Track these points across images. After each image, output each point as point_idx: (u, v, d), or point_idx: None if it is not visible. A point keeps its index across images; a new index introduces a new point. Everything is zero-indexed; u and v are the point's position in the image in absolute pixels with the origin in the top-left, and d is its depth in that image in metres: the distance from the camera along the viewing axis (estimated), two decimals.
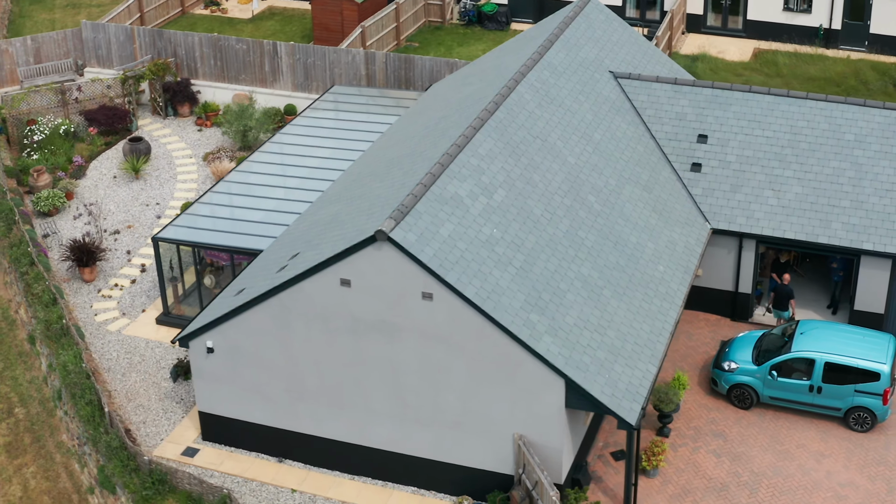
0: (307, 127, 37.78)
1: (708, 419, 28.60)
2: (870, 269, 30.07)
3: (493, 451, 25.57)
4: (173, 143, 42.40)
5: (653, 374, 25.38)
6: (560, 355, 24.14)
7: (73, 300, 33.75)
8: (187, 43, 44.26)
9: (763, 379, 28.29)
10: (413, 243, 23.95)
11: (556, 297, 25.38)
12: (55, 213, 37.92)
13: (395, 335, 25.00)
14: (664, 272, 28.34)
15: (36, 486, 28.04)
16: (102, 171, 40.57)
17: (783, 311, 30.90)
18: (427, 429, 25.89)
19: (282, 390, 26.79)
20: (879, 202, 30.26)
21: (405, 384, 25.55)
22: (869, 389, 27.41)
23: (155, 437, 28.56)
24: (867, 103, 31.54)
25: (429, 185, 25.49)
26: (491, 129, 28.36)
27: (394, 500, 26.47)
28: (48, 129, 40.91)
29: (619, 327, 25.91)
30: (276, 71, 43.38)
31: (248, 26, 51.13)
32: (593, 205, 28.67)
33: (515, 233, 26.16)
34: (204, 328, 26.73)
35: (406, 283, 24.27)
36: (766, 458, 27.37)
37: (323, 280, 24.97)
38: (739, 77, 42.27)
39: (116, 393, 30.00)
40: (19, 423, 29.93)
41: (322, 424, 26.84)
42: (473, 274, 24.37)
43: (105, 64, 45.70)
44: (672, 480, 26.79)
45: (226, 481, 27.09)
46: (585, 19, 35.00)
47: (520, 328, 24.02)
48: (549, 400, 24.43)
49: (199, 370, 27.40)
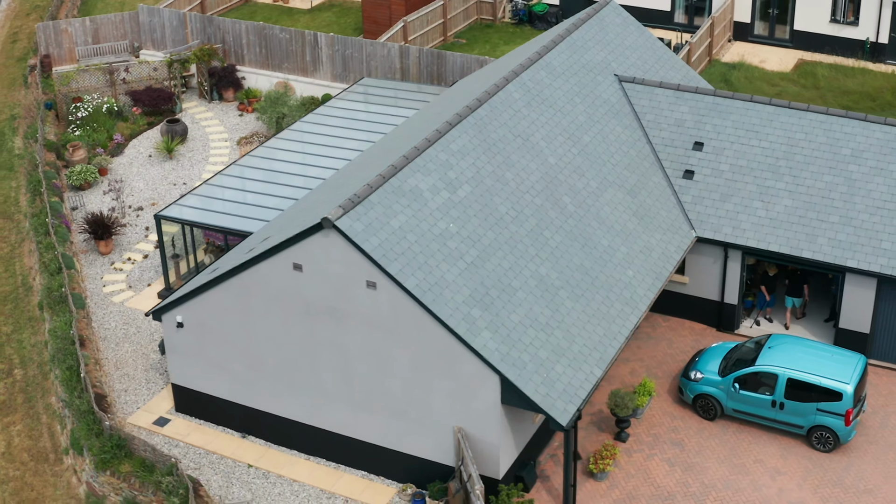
0: (328, 116, 38.66)
1: (670, 427, 28.46)
2: (854, 286, 29.45)
3: (435, 442, 26.01)
4: (212, 127, 43.80)
5: (596, 377, 25.44)
6: (497, 351, 24.43)
7: (86, 271, 35.34)
8: (235, 30, 45.62)
9: (727, 391, 28.03)
10: (359, 233, 24.54)
11: (505, 294, 25.64)
12: (87, 188, 39.65)
13: (343, 321, 25.64)
14: (633, 277, 28.29)
15: (19, 443, 29.56)
16: (140, 149, 42.19)
17: (797, 297, 30.89)
18: (375, 415, 26.47)
19: (245, 368, 27.70)
20: (869, 219, 29.59)
21: (354, 370, 26.17)
22: (831, 409, 26.92)
23: (133, 405, 29.82)
24: (868, 118, 30.84)
25: (388, 178, 26.02)
26: (468, 126, 28.71)
27: (342, 482, 27.13)
28: (91, 107, 42.74)
29: (570, 328, 26.03)
30: (317, 61, 44.39)
31: (305, 17, 52.33)
32: (567, 206, 28.78)
33: (474, 228, 26.49)
34: (175, 303, 27.81)
35: (351, 271, 24.88)
36: (720, 470, 27.12)
37: (277, 263, 25.76)
38: (774, 87, 41.57)
39: (106, 361, 31.38)
40: (16, 384, 31.55)
41: (281, 404, 27.66)
42: (418, 266, 24.82)
43: (159, 47, 47.42)
44: (619, 485, 26.79)
45: (189, 452, 28.15)
46: (599, 21, 34.98)
47: (458, 322, 24.38)
48: (485, 395, 24.75)
49: (171, 344, 28.51)
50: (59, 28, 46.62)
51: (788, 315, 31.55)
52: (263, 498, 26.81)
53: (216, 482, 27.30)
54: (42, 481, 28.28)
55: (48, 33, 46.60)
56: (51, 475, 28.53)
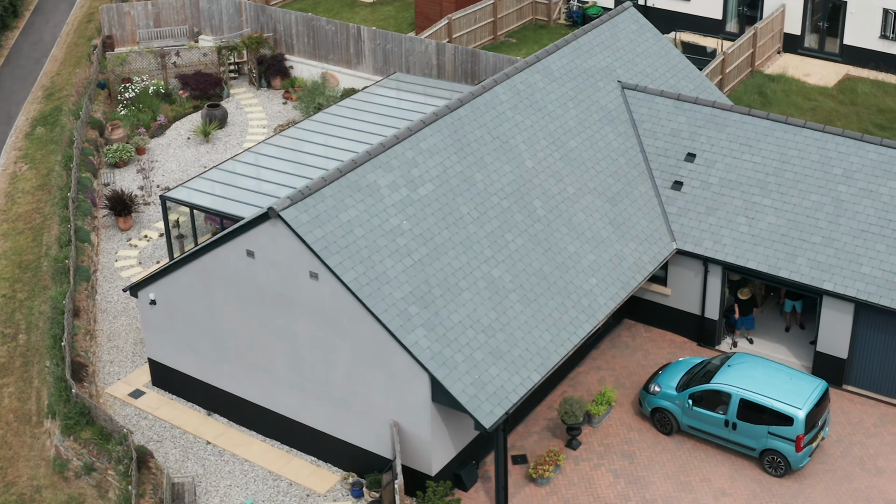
0: (351, 109, 39.28)
1: (624, 438, 28.25)
2: (832, 310, 28.68)
3: (374, 434, 26.45)
4: (255, 113, 45.01)
5: (533, 383, 25.47)
6: (429, 350, 24.71)
7: (104, 245, 36.91)
8: (286, 20, 46.74)
9: (682, 406, 27.69)
10: (303, 224, 25.12)
11: (450, 293, 25.89)
12: (122, 166, 41.29)
13: (291, 309, 26.29)
14: (595, 285, 28.16)
15: (8, 404, 31.15)
16: (180, 131, 43.69)
17: (797, 300, 30.84)
18: (322, 403, 27.07)
19: (209, 348, 28.63)
20: (851, 242, 28.75)
21: (302, 357, 26.81)
22: (782, 433, 26.34)
23: (115, 376, 31.12)
24: (864, 138, 29.93)
25: (345, 172, 26.53)
26: (443, 125, 28.98)
27: (291, 466, 27.81)
28: (139, 88, 44.41)
29: (514, 332, 26.11)
30: (360, 54, 45.15)
31: (366, 10, 53.16)
32: (537, 210, 28.80)
33: (429, 227, 26.79)
34: (148, 281, 28.91)
35: (296, 260, 25.50)
36: (665, 486, 26.83)
37: (233, 248, 26.56)
38: (810, 102, 40.50)
39: (101, 332, 32.80)
40: (17, 348, 33.20)
41: (241, 385, 28.51)
42: (360, 260, 25.27)
43: (216, 33, 48.91)
44: (559, 492, 26.76)
45: (155, 425, 29.27)
46: (611, 27, 34.74)
47: (392, 318, 24.75)
48: (417, 392, 25.07)
49: (146, 320, 29.65)
50: (123, 10, 48.51)
51: (788, 318, 30.97)
52: (214, 474, 27.70)
53: (174, 455, 28.32)
54: (20, 441, 29.76)
55: (112, 15, 48.56)
56: (29, 437, 29.99)
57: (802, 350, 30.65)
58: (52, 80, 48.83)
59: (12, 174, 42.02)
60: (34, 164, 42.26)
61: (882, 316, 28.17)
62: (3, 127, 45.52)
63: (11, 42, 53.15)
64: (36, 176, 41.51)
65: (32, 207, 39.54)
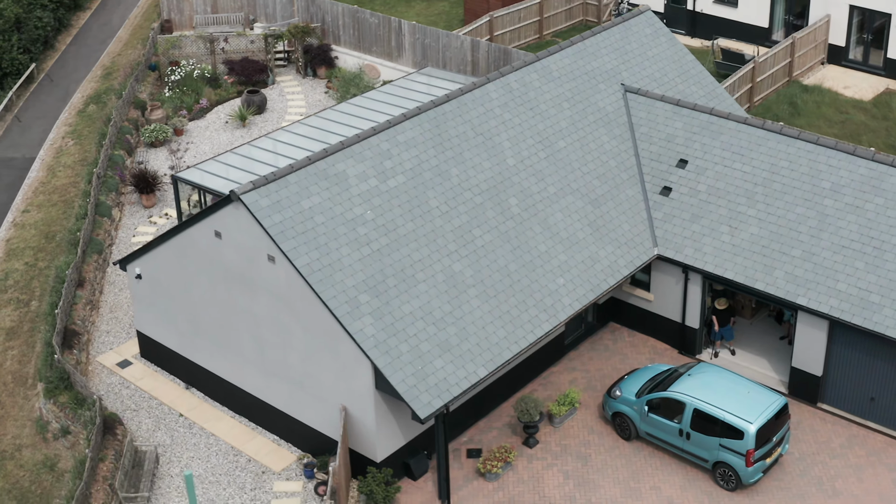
0: (374, 101, 39.85)
1: (583, 441, 28.21)
2: (807, 326, 28.11)
3: (327, 417, 27.00)
4: (295, 101, 46.01)
5: (479, 377, 25.67)
6: (373, 338, 25.14)
7: (125, 220, 38.33)
8: (333, 11, 47.62)
9: (640, 412, 27.52)
10: (262, 208, 25.81)
11: (404, 284, 26.25)
12: (159, 145, 42.73)
13: (253, 290, 27.03)
14: (562, 285, 28.17)
15: (9, 366, 32.67)
16: (220, 115, 44.94)
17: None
18: (281, 383, 27.75)
19: (186, 323, 29.59)
20: (831, 257, 28.12)
21: (263, 337, 27.53)
22: (732, 447, 25.97)
23: (108, 345, 32.38)
24: (857, 152, 29.20)
25: (314, 160, 27.12)
26: (425, 119, 29.32)
27: (254, 443, 28.58)
28: (184, 72, 45.84)
29: (467, 326, 26.34)
30: (400, 47, 45.74)
31: (421, 4, 53.69)
32: (512, 207, 28.92)
33: (393, 218, 27.19)
34: (135, 255, 30.02)
35: (256, 243, 26.20)
36: (613, 491, 26.73)
37: (203, 229, 27.42)
38: (841, 115, 39.49)
39: (104, 303, 34.12)
40: (28, 314, 34.74)
41: (214, 361, 29.39)
42: (316, 246, 25.83)
43: (270, 21, 50.10)
44: (506, 488, 26.90)
45: (135, 394, 30.38)
46: (623, 29, 34.55)
47: (339, 304, 25.25)
48: (362, 379, 25.52)
49: (134, 293, 30.78)
50: None
51: (787, 328, 30.58)
52: (180, 445, 28.65)
53: (146, 425, 29.38)
54: (12, 402, 31.22)
55: (171, 0, 50.15)
56: (22, 398, 31.44)
57: (782, 365, 30.08)
58: (112, 60, 50.67)
59: (58, 148, 43.82)
60: (79, 140, 43.99)
61: (855, 335, 27.50)
62: (60, 103, 47.44)
63: (82, 22, 55.30)
64: (79, 151, 43.21)
65: (69, 181, 41.20)
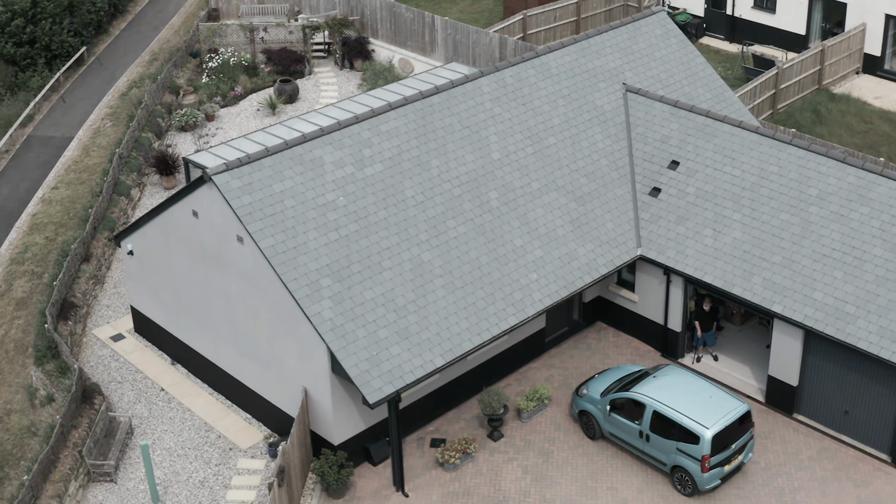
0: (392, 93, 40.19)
1: (549, 437, 28.14)
2: (783, 334, 27.61)
3: (291, 398, 27.43)
4: (328, 91, 46.63)
5: (435, 366, 25.80)
6: (330, 321, 25.46)
7: (145, 200, 39.37)
8: (371, 4, 48.13)
9: (603, 411, 27.35)
10: (233, 189, 26.34)
11: (369, 270, 26.52)
12: (189, 130, 43.73)
13: (226, 269, 27.58)
14: (535, 280, 28.13)
15: (13, 334, 33.84)
16: (253, 103, 45.79)
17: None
18: (252, 362, 28.26)
19: (171, 300, 30.32)
20: (810, 266, 27.56)
21: (235, 317, 28.08)
22: (689, 451, 25.66)
23: (105, 319, 33.32)
24: (847, 160, 28.56)
25: (291, 145, 27.57)
26: (411, 110, 29.54)
27: (227, 420, 29.15)
28: (222, 60, 46.82)
29: (429, 316, 26.49)
30: (433, 42, 46.03)
31: (466, 1, 53.87)
32: (491, 201, 28.98)
33: (365, 205, 27.49)
34: (128, 231, 30.85)
35: (226, 224, 26.75)
36: (569, 488, 26.62)
37: (182, 208, 28.08)
38: (864, 125, 38.55)
39: (109, 279, 35.13)
40: (39, 286, 35.90)
41: (195, 338, 30.05)
42: (283, 229, 26.26)
43: (314, 12, 50.83)
44: (462, 479, 26.99)
45: (123, 367, 31.24)
46: (632, 29, 34.30)
47: (300, 287, 25.63)
48: (319, 362, 25.87)
49: (127, 269, 31.63)
50: None
51: None
52: (157, 418, 29.38)
53: (127, 397, 30.19)
54: (10, 369, 32.35)
55: None
56: (20, 365, 32.55)
57: (763, 374, 29.57)
58: (161, 45, 51.95)
59: (96, 129, 45.14)
60: (117, 121, 45.24)
61: (830, 345, 26.92)
62: (105, 86, 48.84)
63: (139, 8, 56.81)
64: (115, 132, 44.44)
65: (99, 161, 42.42)
